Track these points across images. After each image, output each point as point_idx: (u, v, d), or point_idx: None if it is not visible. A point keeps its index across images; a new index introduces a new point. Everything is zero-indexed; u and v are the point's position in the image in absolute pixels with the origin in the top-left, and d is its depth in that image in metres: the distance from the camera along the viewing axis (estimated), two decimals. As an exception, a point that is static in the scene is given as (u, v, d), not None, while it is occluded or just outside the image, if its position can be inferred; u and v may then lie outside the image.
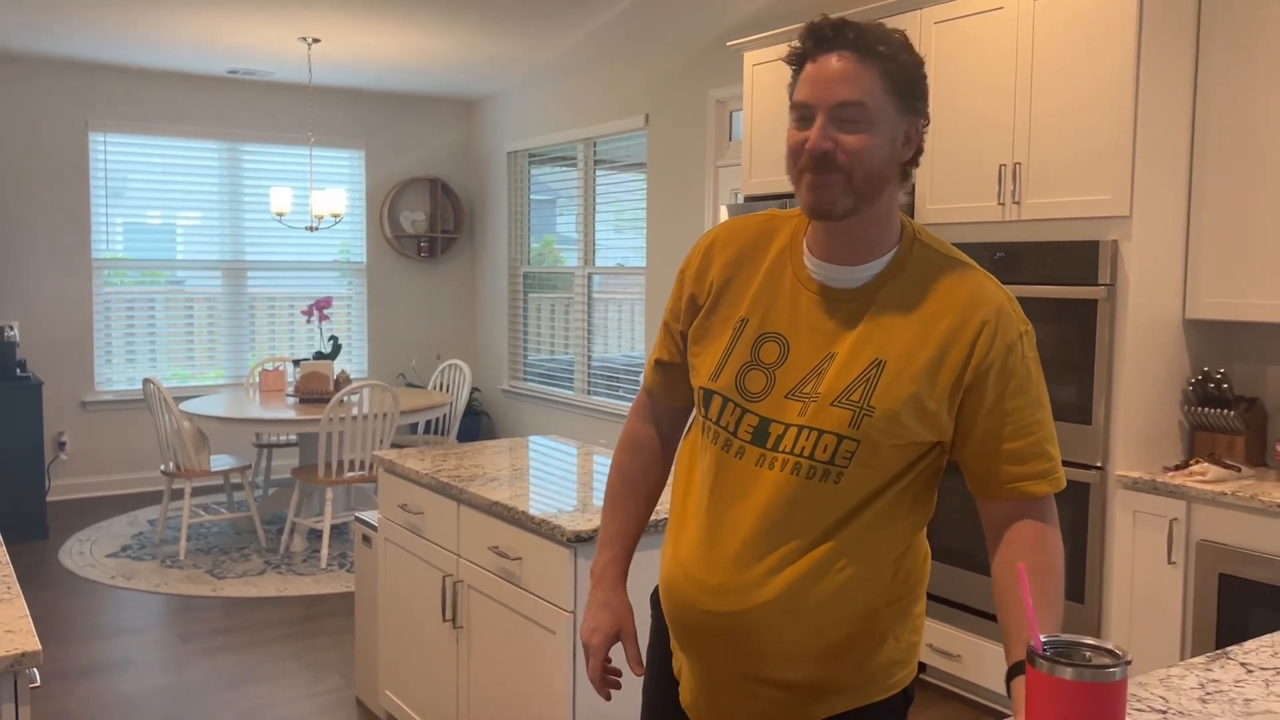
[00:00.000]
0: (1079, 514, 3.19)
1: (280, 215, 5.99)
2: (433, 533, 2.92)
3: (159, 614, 4.43)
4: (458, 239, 7.83)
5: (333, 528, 5.62)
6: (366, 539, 3.41)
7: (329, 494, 5.20)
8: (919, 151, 1.39)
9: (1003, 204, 3.39)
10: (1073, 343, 3.19)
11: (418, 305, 7.80)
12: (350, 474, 5.20)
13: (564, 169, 6.98)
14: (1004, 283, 3.34)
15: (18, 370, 5.66)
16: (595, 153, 6.64)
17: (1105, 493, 3.14)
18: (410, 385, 7.52)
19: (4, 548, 2.13)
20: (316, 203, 5.97)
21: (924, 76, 1.38)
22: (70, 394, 6.56)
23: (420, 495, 2.98)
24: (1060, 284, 3.22)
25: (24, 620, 1.69)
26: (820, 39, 1.33)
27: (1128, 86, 3.04)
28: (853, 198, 1.34)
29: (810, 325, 1.40)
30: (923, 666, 3.80)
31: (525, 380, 7.47)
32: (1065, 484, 1.41)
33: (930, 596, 3.68)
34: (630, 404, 6.27)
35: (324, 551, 5.16)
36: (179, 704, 3.51)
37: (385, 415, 5.27)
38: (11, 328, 5.67)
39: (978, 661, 3.50)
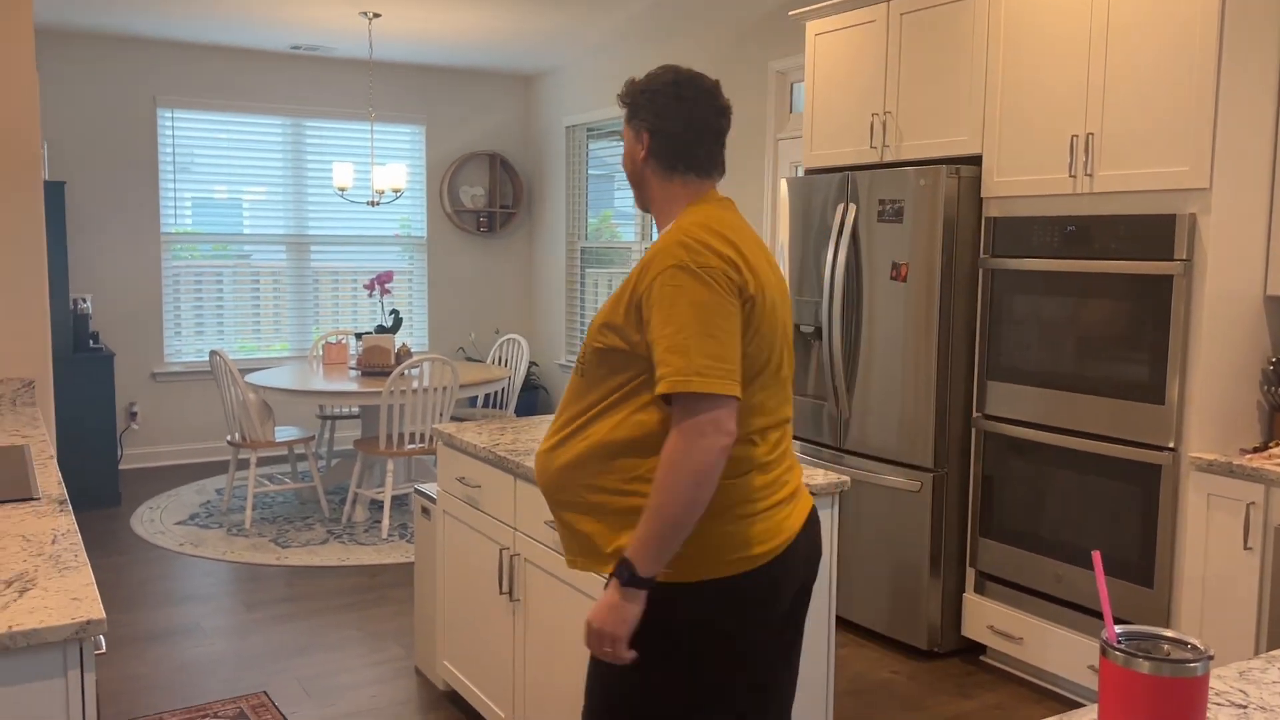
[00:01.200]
0: (1149, 496, 3.09)
1: (342, 190, 6.04)
2: (490, 506, 2.93)
3: (225, 581, 4.53)
4: (516, 214, 7.85)
5: (394, 498, 5.70)
6: (425, 511, 3.44)
7: (390, 465, 5.27)
8: (651, 151, 1.87)
9: (1074, 176, 3.28)
10: (1146, 320, 3.08)
11: (477, 280, 7.84)
12: (410, 446, 5.25)
13: (622, 143, 6.93)
14: (1073, 258, 3.25)
15: (90, 342, 5.81)
16: (654, 126, 6.58)
17: (1178, 475, 3.05)
18: (469, 359, 7.58)
19: (74, 516, 2.18)
20: (377, 178, 6.01)
21: (647, 92, 1.87)
22: (141, 365, 6.72)
23: (478, 469, 3.00)
24: (1134, 259, 3.11)
25: (90, 589, 1.72)
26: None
27: (1210, 49, 2.91)
28: (637, 195, 1.95)
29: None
30: (982, 648, 3.74)
31: (583, 355, 7.47)
32: (691, 388, 1.64)
33: (989, 577, 3.61)
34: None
35: (385, 522, 5.23)
36: (243, 670, 3.59)
37: (445, 389, 5.31)
38: (84, 300, 5.81)
39: (1040, 644, 3.43)
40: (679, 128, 1.86)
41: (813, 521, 1.89)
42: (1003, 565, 3.56)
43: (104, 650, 1.86)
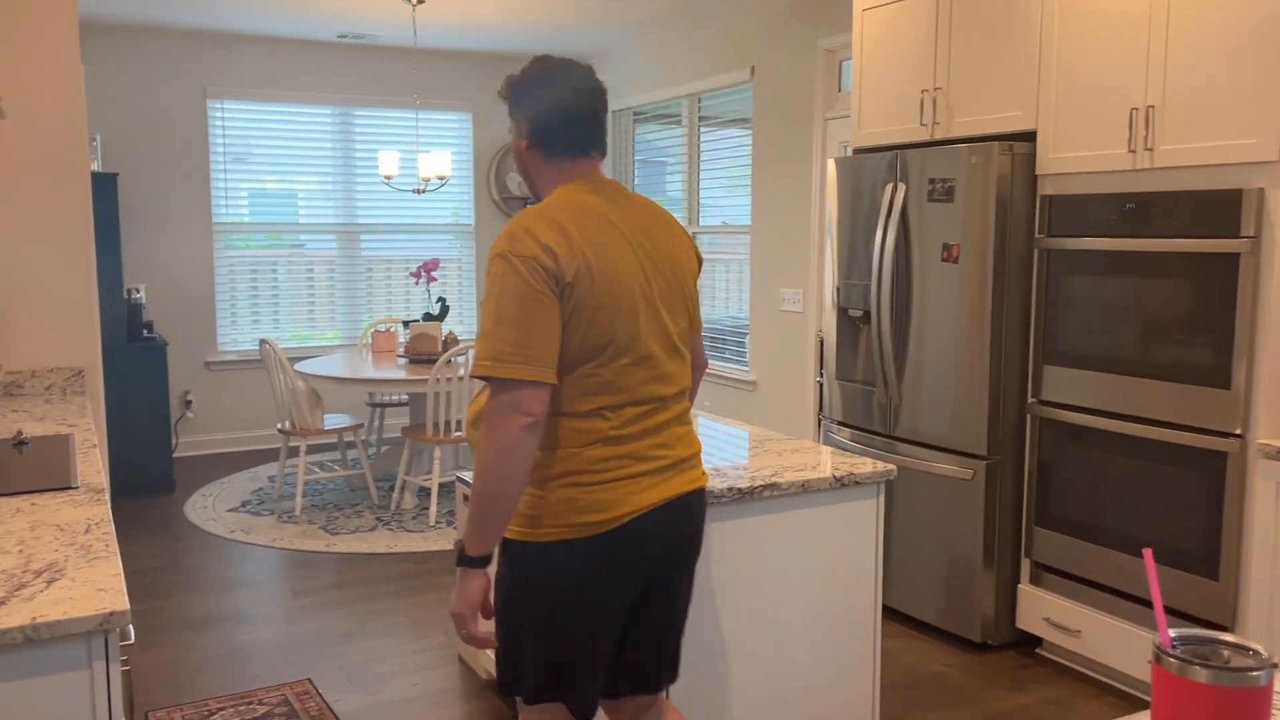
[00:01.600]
0: (1214, 485, 2.96)
1: (388, 178, 6.05)
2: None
3: (275, 568, 4.57)
4: (563, 200, 7.81)
5: (441, 485, 5.71)
6: (468, 499, 3.42)
7: (437, 453, 5.27)
8: (532, 141, 1.96)
9: (1133, 151, 3.14)
10: (1210, 300, 2.94)
11: (524, 266, 7.81)
12: (457, 434, 5.25)
13: (668, 127, 6.85)
14: (1133, 237, 3.11)
15: (144, 331, 5.90)
16: (700, 109, 6.49)
17: (1245, 463, 2.90)
18: (517, 346, 7.56)
19: (109, 505, 2.18)
20: (423, 165, 6.00)
21: (522, 85, 1.97)
22: (195, 354, 6.82)
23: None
24: (1197, 237, 2.97)
25: (117, 579, 1.71)
26: None
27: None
28: (528, 185, 2.04)
29: None
30: (1038, 641, 3.62)
31: (631, 341, 7.42)
32: (486, 373, 1.78)
33: (1045, 568, 3.49)
34: (729, 365, 6.18)
35: (433, 509, 5.24)
36: (289, 656, 3.60)
37: (490, 376, 5.29)
38: (138, 291, 5.90)
39: (1099, 637, 3.31)
40: (553, 113, 1.95)
41: (690, 498, 1.96)
42: (1060, 556, 3.44)
43: (132, 641, 1.86)
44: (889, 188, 3.82)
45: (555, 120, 1.95)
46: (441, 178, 6.03)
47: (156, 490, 5.80)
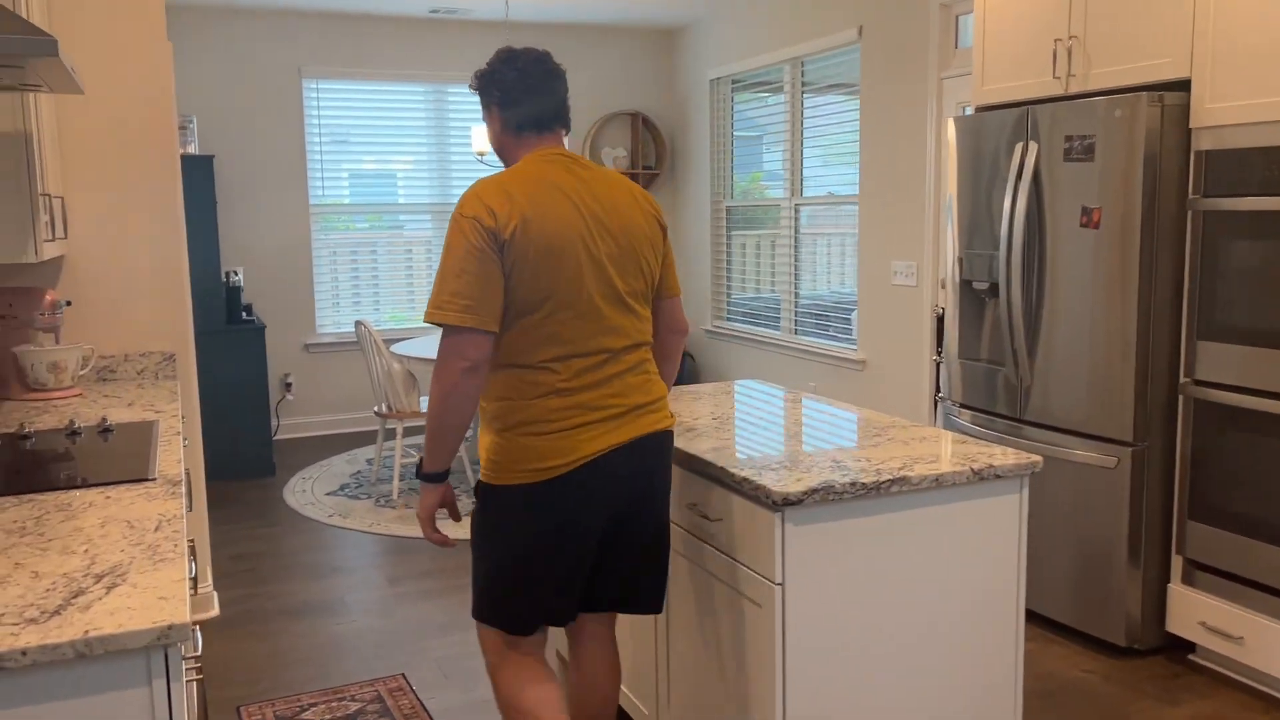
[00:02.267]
0: None
1: (481, 155, 5.90)
2: (628, 486, 2.69)
3: (371, 554, 4.48)
4: (659, 174, 7.57)
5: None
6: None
7: (532, 437, 5.11)
8: (504, 122, 2.17)
9: (1312, 95, 2.74)
10: None
11: (620, 244, 7.61)
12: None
13: (769, 94, 6.54)
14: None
15: (243, 314, 5.89)
16: (803, 74, 6.17)
17: None
18: (614, 326, 7.38)
19: (183, 500, 2.05)
20: (515, 140, 5.83)
21: (490, 75, 2.17)
22: (293, 336, 6.82)
23: (614, 445, 2.75)
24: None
25: (180, 586, 1.55)
26: None
27: None
28: (506, 166, 2.19)
29: None
30: (1191, 646, 3.27)
31: (729, 320, 7.17)
32: (432, 319, 2.01)
33: (1200, 566, 3.14)
34: (835, 343, 5.86)
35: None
36: (382, 649, 3.49)
37: (586, 357, 5.11)
38: (236, 273, 5.89)
39: (1265, 645, 2.95)
40: (523, 96, 2.16)
41: (643, 442, 2.12)
42: (1217, 553, 3.08)
43: (199, 652, 1.72)
44: (1018, 148, 3.48)
45: (523, 98, 2.16)
46: (535, 153, 5.85)
47: (256, 473, 5.80)
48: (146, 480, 2.20)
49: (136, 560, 1.68)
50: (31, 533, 1.84)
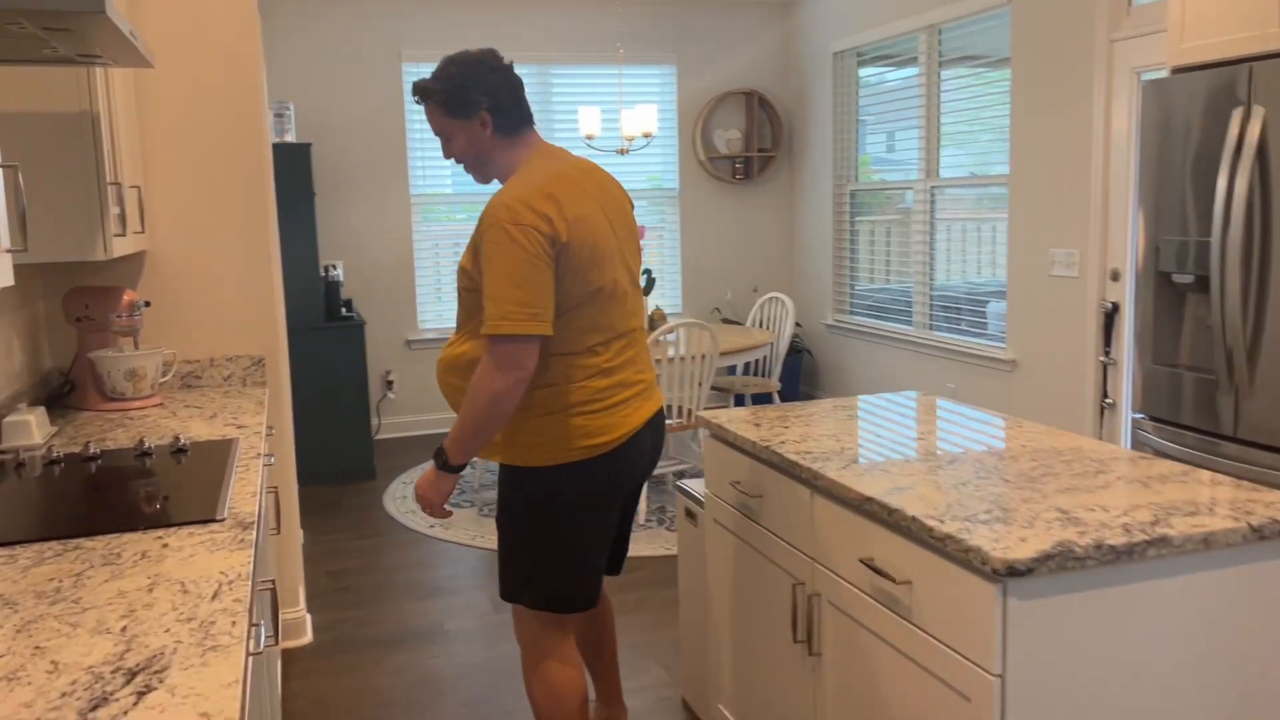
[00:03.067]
0: None
1: (589, 138, 5.51)
2: (776, 523, 2.24)
3: (473, 571, 4.14)
4: (775, 157, 7.07)
5: (651, 479, 5.15)
6: (691, 515, 2.81)
7: (645, 444, 4.71)
8: (496, 125, 2.19)
9: None
10: None
11: (732, 233, 7.15)
12: (667, 421, 4.67)
13: (900, 68, 5.98)
14: None
15: (343, 310, 5.62)
16: (940, 43, 5.60)
17: None
18: (726, 321, 6.93)
19: (253, 549, 1.69)
20: (627, 122, 5.42)
21: (465, 81, 2.16)
22: (395, 332, 6.55)
23: (757, 473, 2.31)
24: None
25: (232, 692, 1.17)
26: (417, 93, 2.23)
27: None
28: (480, 174, 2.28)
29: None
30: None
31: (852, 314, 6.64)
32: (499, 331, 2.02)
33: None
34: (979, 340, 5.27)
35: (641, 505, 4.70)
36: (485, 688, 3.12)
37: (704, 356, 4.68)
38: (335, 267, 5.62)
39: None
40: (504, 92, 2.17)
41: (658, 417, 2.32)
42: None
43: (279, 691, 1.35)
44: (1235, 115, 2.90)
45: (507, 98, 2.18)
46: (647, 135, 5.44)
47: (356, 476, 5.53)
48: (214, 522, 1.85)
49: (183, 646, 1.31)
50: (66, 598, 1.50)
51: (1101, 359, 4.47)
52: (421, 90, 2.19)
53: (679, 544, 2.91)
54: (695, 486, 2.83)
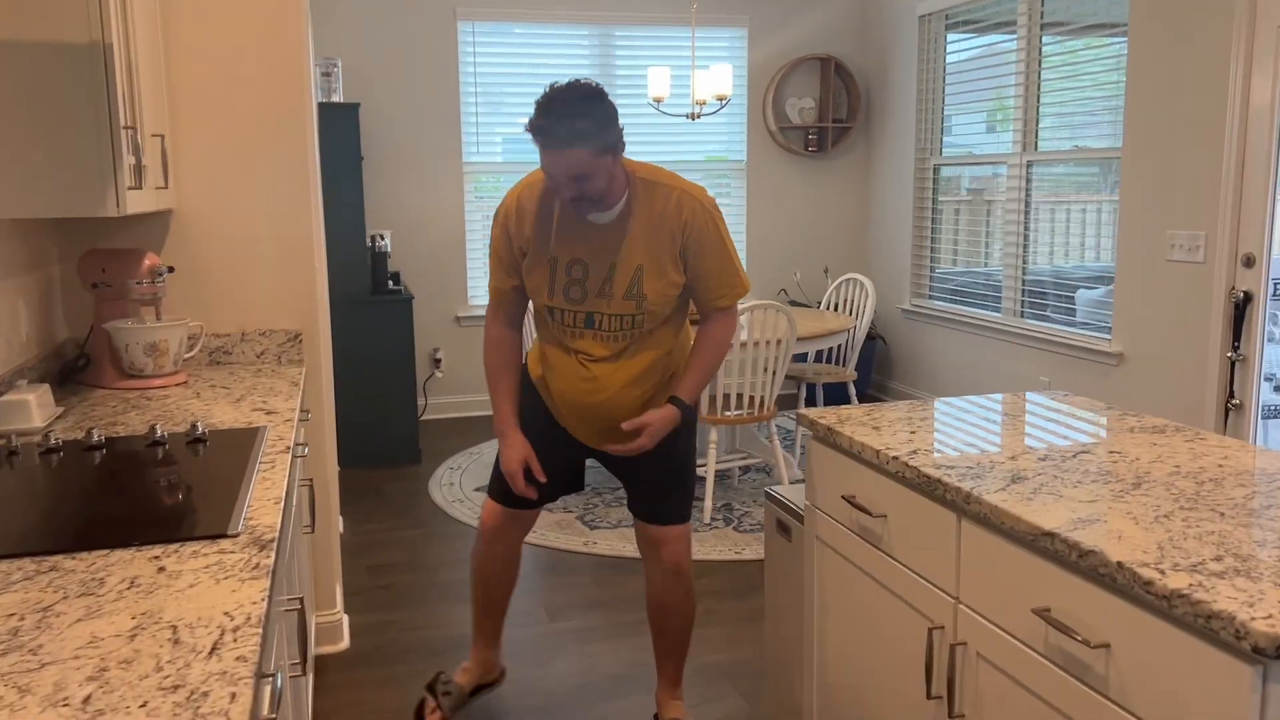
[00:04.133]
0: None
1: (658, 101, 5.10)
2: (906, 552, 1.84)
3: (527, 571, 3.78)
4: (852, 129, 6.61)
5: (718, 474, 4.77)
6: (783, 527, 2.42)
7: (713, 434, 4.32)
8: (619, 151, 2.21)
9: None
10: None
11: (803, 210, 6.71)
12: (734, 413, 4.28)
13: (994, 33, 5.49)
14: None
15: (390, 283, 5.29)
16: (1043, 3, 5.10)
17: None
18: (793, 303, 6.50)
19: (269, 578, 1.33)
20: (699, 85, 5.00)
21: (606, 121, 2.14)
22: (444, 308, 6.21)
23: (881, 488, 1.91)
24: None
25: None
26: (549, 138, 2.13)
27: None
28: (600, 203, 2.24)
29: (597, 248, 2.27)
30: None
31: (931, 299, 6.18)
32: (744, 291, 2.37)
33: None
34: (1080, 331, 4.78)
35: (707, 502, 4.31)
36: (539, 710, 2.77)
37: (779, 342, 4.27)
38: (382, 237, 5.28)
39: None
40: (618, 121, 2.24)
41: None
42: None
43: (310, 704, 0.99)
44: None
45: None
46: (721, 98, 5.02)
47: (401, 460, 5.21)
48: (225, 538, 1.49)
49: (159, 733, 0.95)
50: (24, 645, 1.15)
51: (1229, 355, 4.00)
52: (579, 135, 2.09)
53: (767, 560, 2.52)
54: (789, 495, 2.44)
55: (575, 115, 2.10)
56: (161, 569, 1.38)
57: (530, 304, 2.47)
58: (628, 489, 2.53)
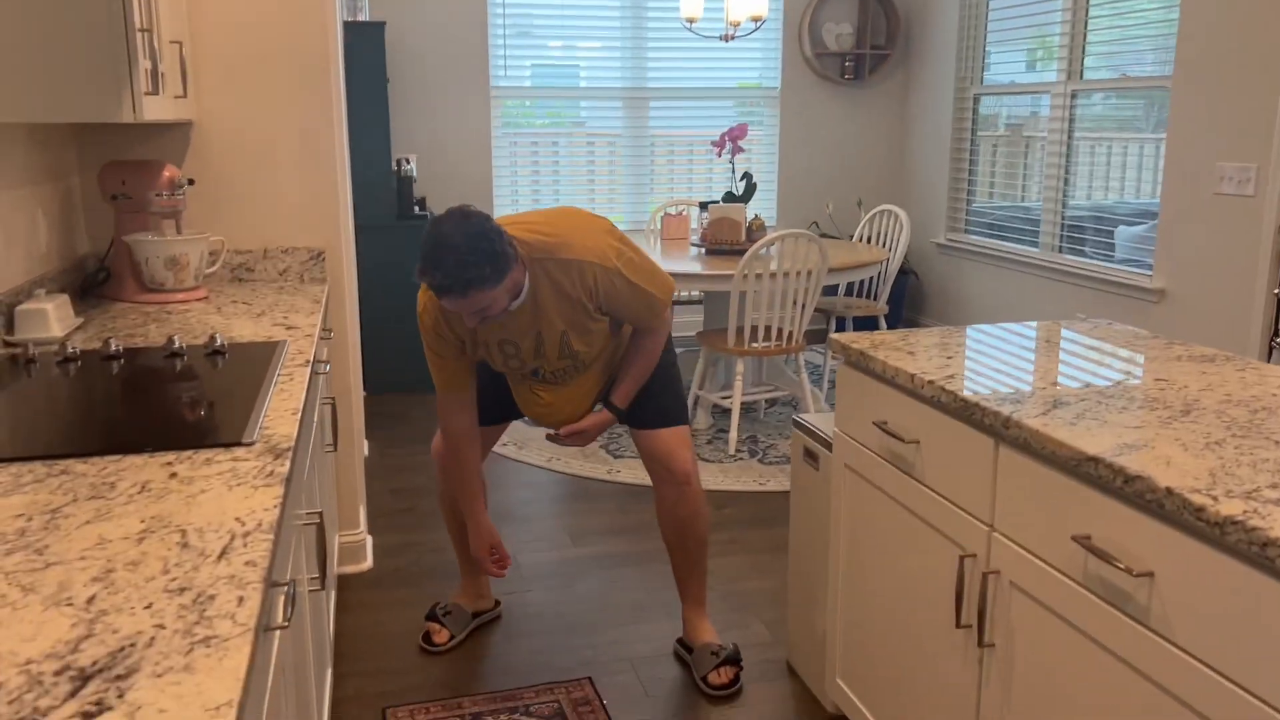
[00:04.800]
0: None
1: (690, 22, 4.95)
2: (939, 478, 1.79)
3: (550, 498, 3.77)
4: (890, 56, 6.41)
5: (744, 406, 4.72)
6: (810, 455, 2.37)
7: (740, 366, 4.26)
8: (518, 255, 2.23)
9: None
10: None
11: (838, 139, 6.55)
12: (762, 344, 4.21)
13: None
14: None
15: (415, 208, 5.22)
16: (1096, -77, 4.88)
17: None
18: (825, 236, 6.38)
19: (284, 484, 1.29)
20: (733, 5, 4.85)
21: (504, 246, 2.11)
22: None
23: (916, 414, 1.85)
24: None
25: (227, 715, 0.77)
26: (445, 292, 2.09)
27: None
28: (509, 306, 2.28)
29: (519, 330, 2.31)
30: None
31: (968, 232, 6.04)
32: (669, 296, 2.40)
33: None
34: (1120, 267, 4.65)
35: (732, 434, 4.27)
36: (564, 638, 2.76)
37: (809, 273, 4.18)
38: (408, 161, 5.20)
39: None
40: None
41: None
42: None
43: (332, 626, 0.96)
44: None
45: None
46: (756, 19, 4.86)
47: (427, 386, 5.18)
48: (240, 446, 1.46)
49: (164, 635, 0.92)
50: (30, 545, 1.12)
51: (1276, 291, 3.87)
52: (474, 282, 2.05)
53: (793, 489, 2.47)
54: (818, 423, 2.38)
55: (467, 265, 2.04)
56: (174, 475, 1.35)
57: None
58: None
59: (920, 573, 1.86)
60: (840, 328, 5.97)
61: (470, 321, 2.17)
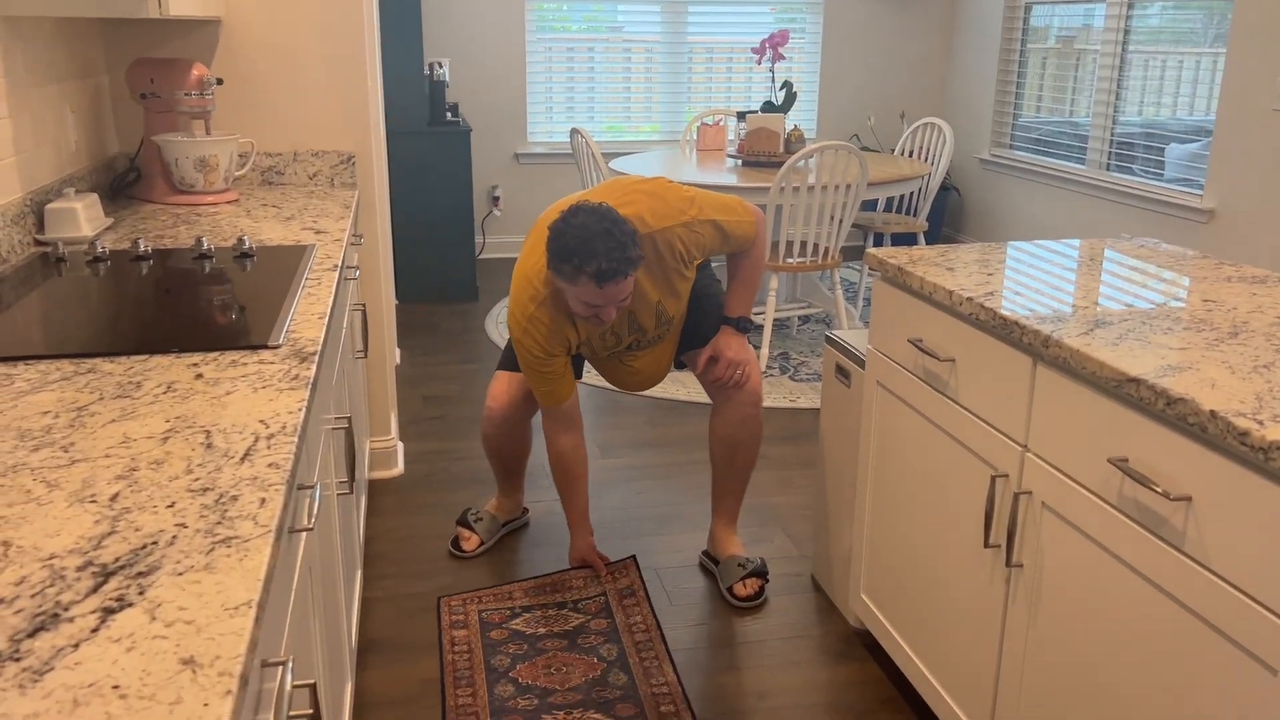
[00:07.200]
0: None
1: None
2: (973, 398, 1.75)
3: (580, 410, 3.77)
4: (940, -37, 6.16)
5: (776, 322, 4.68)
6: (842, 372, 2.33)
7: (774, 281, 4.21)
8: None
9: None
10: None
11: (881, 50, 6.35)
12: (797, 259, 4.14)
13: None
14: None
15: (448, 114, 5.14)
16: None
17: None
18: (866, 149, 6.23)
19: (309, 389, 1.28)
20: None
21: (637, 237, 2.12)
22: (503, 144, 6.06)
23: (952, 330, 1.81)
24: None
25: (239, 621, 0.77)
26: (607, 278, 2.06)
27: None
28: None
29: (619, 317, 2.31)
30: None
31: (1013, 149, 5.87)
32: (754, 219, 2.34)
33: None
34: (1168, 185, 4.51)
35: (764, 350, 4.24)
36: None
37: (848, 186, 4.09)
38: (440, 65, 5.11)
39: None
40: None
41: None
42: None
43: (363, 529, 0.97)
44: None
45: None
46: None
47: (458, 296, 5.19)
48: (265, 348, 1.45)
49: (185, 533, 0.92)
50: (56, 443, 1.12)
51: (1333, 215, 3.74)
52: (634, 262, 2.05)
53: (823, 405, 2.45)
54: (851, 339, 2.35)
55: (625, 247, 2.04)
56: (199, 375, 1.34)
57: None
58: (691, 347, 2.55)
59: (950, 491, 1.84)
60: (878, 243, 5.87)
61: (607, 316, 2.14)
